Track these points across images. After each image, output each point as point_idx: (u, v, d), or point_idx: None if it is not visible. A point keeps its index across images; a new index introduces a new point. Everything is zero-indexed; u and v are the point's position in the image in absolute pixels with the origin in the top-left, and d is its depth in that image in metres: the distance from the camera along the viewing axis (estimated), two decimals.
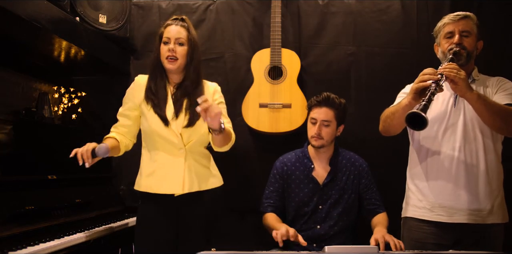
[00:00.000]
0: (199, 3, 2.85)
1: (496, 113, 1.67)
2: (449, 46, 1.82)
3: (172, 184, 1.86)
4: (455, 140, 1.81)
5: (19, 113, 2.27)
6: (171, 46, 1.87)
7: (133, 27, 2.84)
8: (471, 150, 1.79)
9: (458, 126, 1.81)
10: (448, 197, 1.80)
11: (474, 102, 1.66)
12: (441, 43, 1.88)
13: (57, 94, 2.73)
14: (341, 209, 2.11)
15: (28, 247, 1.60)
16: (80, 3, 2.39)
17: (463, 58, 1.80)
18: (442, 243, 1.80)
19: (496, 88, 1.83)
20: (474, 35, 1.84)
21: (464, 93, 1.64)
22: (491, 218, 1.78)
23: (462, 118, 1.81)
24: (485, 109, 1.66)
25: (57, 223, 1.90)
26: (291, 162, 2.22)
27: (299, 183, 2.16)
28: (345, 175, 2.17)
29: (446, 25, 1.85)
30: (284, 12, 2.73)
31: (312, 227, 2.11)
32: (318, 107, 2.14)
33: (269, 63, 2.61)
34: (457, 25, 1.82)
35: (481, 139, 1.79)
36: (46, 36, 2.11)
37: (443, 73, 1.62)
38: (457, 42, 1.80)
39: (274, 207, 2.17)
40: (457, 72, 1.61)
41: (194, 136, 1.91)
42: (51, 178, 2.08)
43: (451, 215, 1.79)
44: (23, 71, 2.44)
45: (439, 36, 1.90)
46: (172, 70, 1.91)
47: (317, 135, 2.10)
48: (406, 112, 1.60)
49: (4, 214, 1.69)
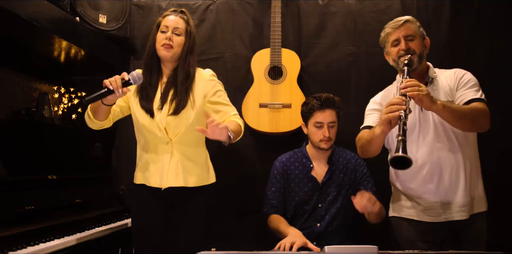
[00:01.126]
0: (199, 3, 2.85)
1: (463, 118, 1.71)
2: (398, 53, 1.84)
3: (159, 177, 1.86)
4: (430, 142, 1.83)
5: (19, 113, 2.27)
6: (169, 34, 1.86)
7: (133, 27, 2.84)
8: (447, 150, 1.82)
9: (430, 129, 1.84)
10: (431, 199, 1.84)
11: (440, 112, 1.70)
12: (389, 51, 1.91)
13: (57, 94, 2.73)
14: (340, 205, 2.12)
15: (28, 247, 1.60)
16: (80, 3, 2.39)
17: (415, 63, 1.82)
18: (432, 240, 1.84)
19: (456, 83, 1.85)
20: (419, 36, 1.86)
21: (430, 107, 1.67)
22: (474, 209, 1.83)
23: (431, 120, 1.84)
24: (452, 116, 1.70)
25: (57, 223, 1.89)
26: (290, 161, 2.23)
27: (298, 182, 2.17)
28: (342, 172, 2.18)
29: (390, 34, 1.89)
30: (284, 12, 2.73)
31: (312, 225, 2.11)
32: (321, 110, 2.13)
33: (269, 63, 2.61)
34: (400, 31, 1.85)
35: (454, 137, 1.82)
36: (46, 36, 2.11)
37: (406, 94, 1.63)
38: (404, 48, 1.83)
39: (278, 207, 2.18)
40: (418, 89, 1.63)
41: (180, 126, 1.86)
42: (51, 178, 2.08)
43: (436, 215, 1.83)
44: (23, 71, 2.44)
45: (387, 46, 1.93)
46: (166, 58, 1.89)
47: (328, 138, 2.11)
48: (381, 140, 1.77)
49: (4, 214, 1.69)
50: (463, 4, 2.64)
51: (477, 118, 1.73)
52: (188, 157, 1.90)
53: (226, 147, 2.63)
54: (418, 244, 1.84)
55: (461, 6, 2.65)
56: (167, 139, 1.86)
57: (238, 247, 1.62)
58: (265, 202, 2.21)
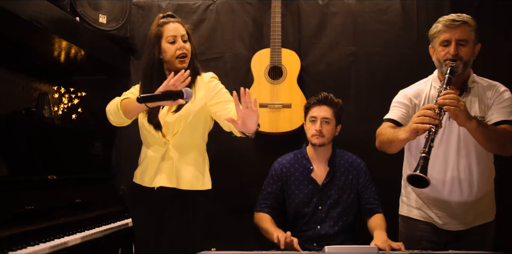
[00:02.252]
0: (199, 3, 2.85)
1: (492, 140, 1.68)
2: (445, 56, 1.75)
3: (151, 177, 1.86)
4: (449, 152, 1.81)
5: (19, 113, 2.27)
6: (181, 44, 1.83)
7: (133, 27, 2.84)
8: (465, 164, 1.79)
9: (453, 140, 1.80)
10: (441, 207, 1.83)
11: (473, 131, 1.65)
12: (436, 49, 1.81)
13: (57, 94, 2.73)
14: (341, 209, 2.12)
15: (28, 247, 1.60)
16: (80, 3, 2.39)
17: (459, 71, 1.75)
18: (437, 241, 1.84)
19: (493, 100, 1.80)
20: (472, 41, 1.76)
21: (464, 123, 1.63)
22: (482, 219, 1.82)
23: (456, 132, 1.80)
24: (483, 136, 1.66)
25: (57, 223, 1.89)
26: (290, 163, 2.22)
27: (298, 184, 2.16)
28: (344, 175, 2.17)
29: (442, 33, 1.76)
30: (284, 12, 2.73)
31: (313, 227, 2.11)
32: (318, 106, 2.15)
33: (269, 63, 2.61)
34: (454, 33, 1.73)
35: (474, 152, 1.79)
36: (46, 36, 2.11)
37: (443, 107, 1.58)
38: (453, 53, 1.73)
39: (271, 208, 2.17)
40: (457, 103, 1.58)
41: (178, 125, 1.83)
42: (51, 178, 2.08)
43: (444, 224, 1.83)
44: (23, 71, 2.45)
45: (435, 41, 1.82)
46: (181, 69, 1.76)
47: (319, 132, 2.10)
48: (403, 144, 1.75)
49: (4, 214, 1.69)
50: (463, 4, 2.64)
51: (506, 143, 1.70)
52: (184, 160, 1.85)
53: (226, 147, 2.65)
54: (423, 243, 1.84)
55: (461, 6, 2.64)
56: (164, 140, 1.86)
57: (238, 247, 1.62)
58: (258, 201, 2.21)
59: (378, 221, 2.08)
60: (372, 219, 2.11)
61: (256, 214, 2.18)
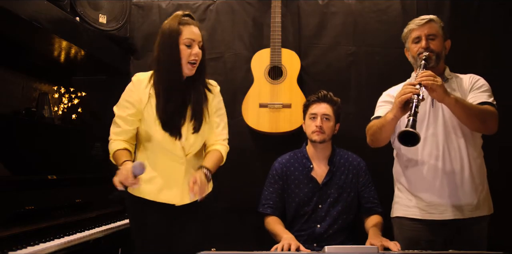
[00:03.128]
0: (199, 3, 2.85)
1: (473, 115, 1.73)
2: (418, 50, 1.88)
3: (172, 194, 1.79)
4: (437, 141, 1.85)
5: (19, 113, 2.28)
6: (196, 50, 1.72)
7: (133, 27, 2.84)
8: (454, 149, 1.84)
9: (439, 127, 1.86)
10: (436, 196, 1.84)
11: (452, 106, 1.72)
12: (410, 48, 1.95)
13: (57, 94, 2.73)
14: (341, 208, 2.12)
15: (28, 247, 1.60)
16: (80, 3, 2.39)
17: (432, 61, 1.87)
18: (434, 239, 1.85)
19: (470, 86, 1.88)
20: (440, 36, 1.90)
21: (442, 98, 1.69)
22: (478, 212, 1.84)
23: (441, 117, 1.86)
24: (463, 112, 1.72)
25: (57, 223, 1.89)
26: (289, 162, 2.22)
27: (298, 183, 2.17)
28: (344, 174, 2.17)
29: (413, 31, 1.93)
30: (284, 12, 2.73)
31: (312, 227, 2.11)
32: (317, 103, 2.17)
33: (269, 63, 2.61)
34: (423, 30, 1.89)
35: (462, 136, 1.84)
36: (46, 36, 2.12)
37: (421, 82, 1.66)
38: (424, 46, 1.87)
39: (274, 208, 2.17)
40: (433, 79, 1.66)
41: (198, 144, 1.82)
42: (51, 178, 2.08)
43: (441, 212, 1.84)
44: (23, 71, 2.45)
45: (408, 42, 1.97)
46: (187, 75, 1.76)
47: (319, 128, 2.11)
48: (392, 126, 1.78)
49: (4, 214, 1.69)
50: (463, 4, 2.64)
51: (487, 119, 1.75)
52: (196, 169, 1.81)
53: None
54: (421, 243, 1.84)
55: (461, 6, 2.65)
56: (183, 155, 1.79)
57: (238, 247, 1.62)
58: (261, 202, 2.21)
59: (376, 220, 2.08)
60: (370, 218, 2.12)
61: (265, 218, 2.18)
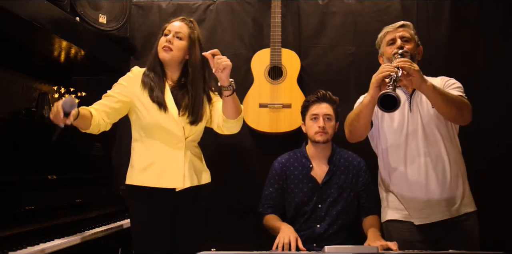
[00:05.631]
0: (199, 3, 2.85)
1: (451, 102, 1.72)
2: (393, 51, 1.89)
3: (173, 177, 1.83)
4: (418, 144, 1.86)
5: (19, 113, 2.27)
6: (169, 37, 1.88)
7: (133, 27, 2.84)
8: (435, 151, 1.86)
9: (418, 130, 1.87)
10: (420, 200, 1.85)
11: (430, 92, 1.69)
12: (384, 51, 1.97)
13: (57, 94, 2.73)
14: (340, 208, 2.12)
15: (28, 247, 1.60)
16: (80, 3, 2.39)
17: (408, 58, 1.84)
18: (428, 239, 1.85)
19: (442, 86, 1.88)
20: (414, 40, 1.93)
21: (420, 84, 1.67)
22: (463, 209, 1.85)
23: (420, 122, 1.87)
24: (440, 98, 1.70)
25: (57, 223, 1.89)
26: (289, 162, 2.22)
27: (298, 183, 2.16)
28: (344, 174, 2.17)
29: (387, 34, 1.97)
30: (284, 12, 2.73)
31: (312, 226, 2.11)
32: (318, 103, 2.16)
33: (269, 63, 2.61)
34: (397, 32, 1.93)
35: (440, 138, 1.86)
36: (46, 36, 2.12)
37: (398, 65, 1.65)
38: (399, 46, 1.89)
39: (274, 208, 2.18)
40: (410, 64, 1.66)
41: (195, 130, 1.92)
42: (51, 178, 2.08)
43: (428, 215, 1.84)
44: (23, 71, 2.44)
45: (382, 46, 1.99)
46: (165, 60, 1.90)
47: (322, 128, 2.11)
48: (370, 109, 1.74)
49: (4, 214, 1.69)
50: (463, 4, 2.64)
51: (463, 108, 1.75)
52: (195, 155, 1.95)
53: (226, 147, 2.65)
54: (415, 244, 1.84)
55: (461, 6, 2.65)
56: (183, 138, 1.88)
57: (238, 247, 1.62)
58: (262, 202, 2.21)
59: (374, 221, 2.08)
60: (368, 218, 2.12)
61: (264, 217, 2.18)
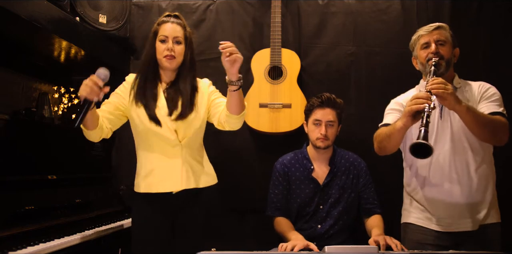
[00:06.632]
0: (199, 3, 2.85)
1: (484, 125, 1.69)
2: (427, 56, 1.84)
3: (171, 181, 1.84)
4: (444, 152, 1.83)
5: (19, 113, 2.27)
6: (170, 45, 1.83)
7: (133, 27, 2.84)
8: (461, 160, 1.82)
9: (447, 138, 1.83)
10: (444, 209, 1.83)
11: (463, 114, 1.68)
12: (418, 54, 1.91)
13: (57, 94, 2.73)
14: (341, 208, 2.12)
15: (28, 247, 1.60)
16: (80, 3, 2.39)
17: (442, 68, 1.82)
18: (442, 244, 1.83)
19: (479, 96, 1.85)
20: (449, 43, 1.87)
21: (453, 106, 1.66)
22: (486, 220, 1.82)
23: (449, 130, 1.83)
24: (473, 121, 1.68)
25: (57, 223, 1.89)
26: (290, 163, 2.22)
27: (299, 184, 2.16)
28: (345, 174, 2.17)
29: (422, 37, 1.89)
30: (284, 12, 2.73)
31: (313, 227, 2.11)
32: (321, 108, 2.14)
33: (269, 63, 2.61)
34: (432, 35, 1.86)
35: (469, 148, 1.82)
36: (46, 36, 2.11)
37: (431, 91, 1.63)
38: (434, 51, 1.82)
39: (282, 210, 2.16)
40: (444, 87, 1.63)
41: (189, 130, 1.87)
42: (51, 178, 2.07)
43: (449, 225, 1.83)
44: (23, 71, 2.44)
45: (416, 49, 1.92)
46: (169, 69, 1.88)
47: (324, 136, 2.10)
48: (401, 134, 1.73)
49: (4, 214, 1.69)
50: (463, 4, 2.64)
51: (497, 130, 1.72)
52: (194, 159, 1.91)
53: (226, 147, 2.65)
54: (427, 247, 1.83)
55: (461, 6, 2.65)
56: (177, 141, 1.85)
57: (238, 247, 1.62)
58: (269, 205, 2.20)
59: (376, 221, 2.08)
60: (370, 219, 2.11)
61: (274, 219, 2.17)
